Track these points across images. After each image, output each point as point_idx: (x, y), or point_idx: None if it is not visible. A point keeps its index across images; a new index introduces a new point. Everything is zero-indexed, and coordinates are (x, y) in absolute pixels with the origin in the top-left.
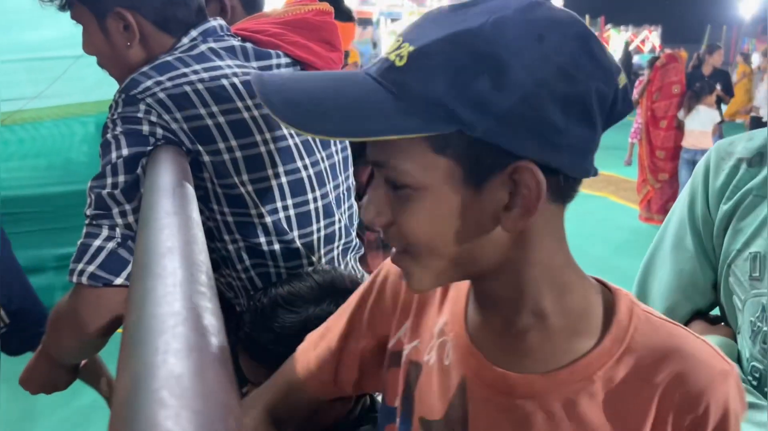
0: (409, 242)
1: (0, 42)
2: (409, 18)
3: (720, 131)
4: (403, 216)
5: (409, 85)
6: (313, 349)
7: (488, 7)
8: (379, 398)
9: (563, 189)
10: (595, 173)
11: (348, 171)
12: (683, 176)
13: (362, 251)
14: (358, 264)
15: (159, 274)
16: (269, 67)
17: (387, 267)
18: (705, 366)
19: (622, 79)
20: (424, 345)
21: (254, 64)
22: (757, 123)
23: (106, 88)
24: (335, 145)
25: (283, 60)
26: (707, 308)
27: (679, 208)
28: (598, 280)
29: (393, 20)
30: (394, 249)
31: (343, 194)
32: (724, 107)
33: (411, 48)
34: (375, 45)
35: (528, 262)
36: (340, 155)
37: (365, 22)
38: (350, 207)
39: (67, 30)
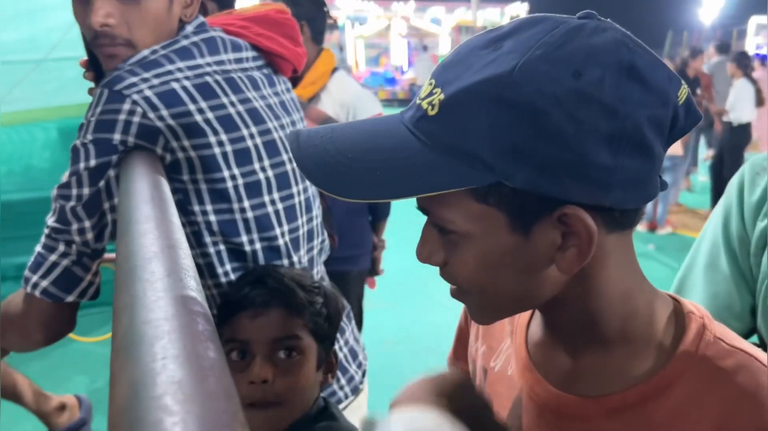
0: (461, 284)
1: None
2: (375, 22)
3: (689, 138)
4: (454, 259)
5: (443, 137)
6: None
7: (520, 42)
8: (342, 399)
9: (622, 220)
10: (663, 188)
11: None
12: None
13: (328, 254)
14: (323, 266)
15: (147, 279)
16: (241, 60)
17: None
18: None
19: (683, 93)
20: (492, 351)
21: (231, 55)
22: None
23: (69, 93)
24: None
25: (250, 53)
26: (745, 335)
27: (711, 226)
28: (673, 298)
29: (360, 24)
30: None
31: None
32: None
33: (442, 96)
34: (341, 49)
35: (591, 294)
36: None
37: (331, 26)
38: (319, 205)
39: (27, 33)
